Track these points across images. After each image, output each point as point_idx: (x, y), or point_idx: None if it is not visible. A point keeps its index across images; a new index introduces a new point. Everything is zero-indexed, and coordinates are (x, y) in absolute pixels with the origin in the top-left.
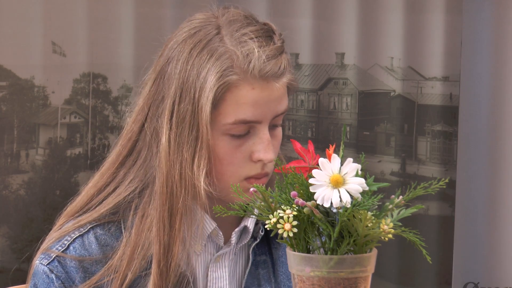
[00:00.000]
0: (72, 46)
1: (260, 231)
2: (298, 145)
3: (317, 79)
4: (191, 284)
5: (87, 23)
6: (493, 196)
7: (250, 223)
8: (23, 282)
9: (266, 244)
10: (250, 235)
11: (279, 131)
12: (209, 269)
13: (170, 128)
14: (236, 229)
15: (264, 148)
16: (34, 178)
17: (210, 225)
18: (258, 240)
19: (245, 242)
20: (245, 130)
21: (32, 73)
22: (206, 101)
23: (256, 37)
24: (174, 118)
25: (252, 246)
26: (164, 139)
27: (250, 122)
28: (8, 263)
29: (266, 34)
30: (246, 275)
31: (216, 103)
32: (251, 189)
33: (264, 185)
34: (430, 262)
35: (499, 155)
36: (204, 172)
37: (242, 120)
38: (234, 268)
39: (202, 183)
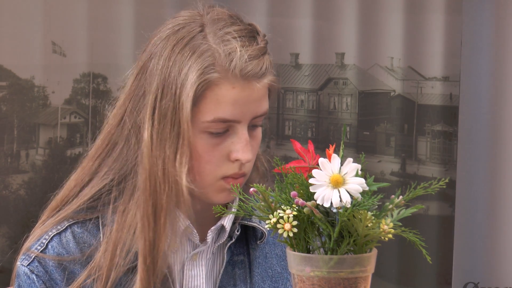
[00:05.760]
0: (72, 46)
1: (236, 230)
2: (298, 145)
3: (317, 79)
4: (170, 281)
5: (87, 23)
6: (493, 196)
7: (226, 222)
8: None
9: (245, 244)
10: (227, 234)
11: (258, 131)
12: (185, 267)
13: (152, 124)
14: (212, 228)
15: (242, 148)
16: (34, 178)
17: (183, 222)
18: (234, 239)
19: (222, 241)
20: (223, 129)
21: (32, 73)
22: (186, 98)
23: (239, 37)
24: (156, 115)
25: (228, 246)
26: (146, 135)
27: (229, 121)
28: (8, 263)
29: (250, 34)
30: (221, 274)
31: (196, 100)
32: (251, 189)
33: (241, 185)
34: (430, 262)
35: (499, 155)
36: (186, 169)
37: (221, 119)
38: (211, 267)
39: (184, 180)
